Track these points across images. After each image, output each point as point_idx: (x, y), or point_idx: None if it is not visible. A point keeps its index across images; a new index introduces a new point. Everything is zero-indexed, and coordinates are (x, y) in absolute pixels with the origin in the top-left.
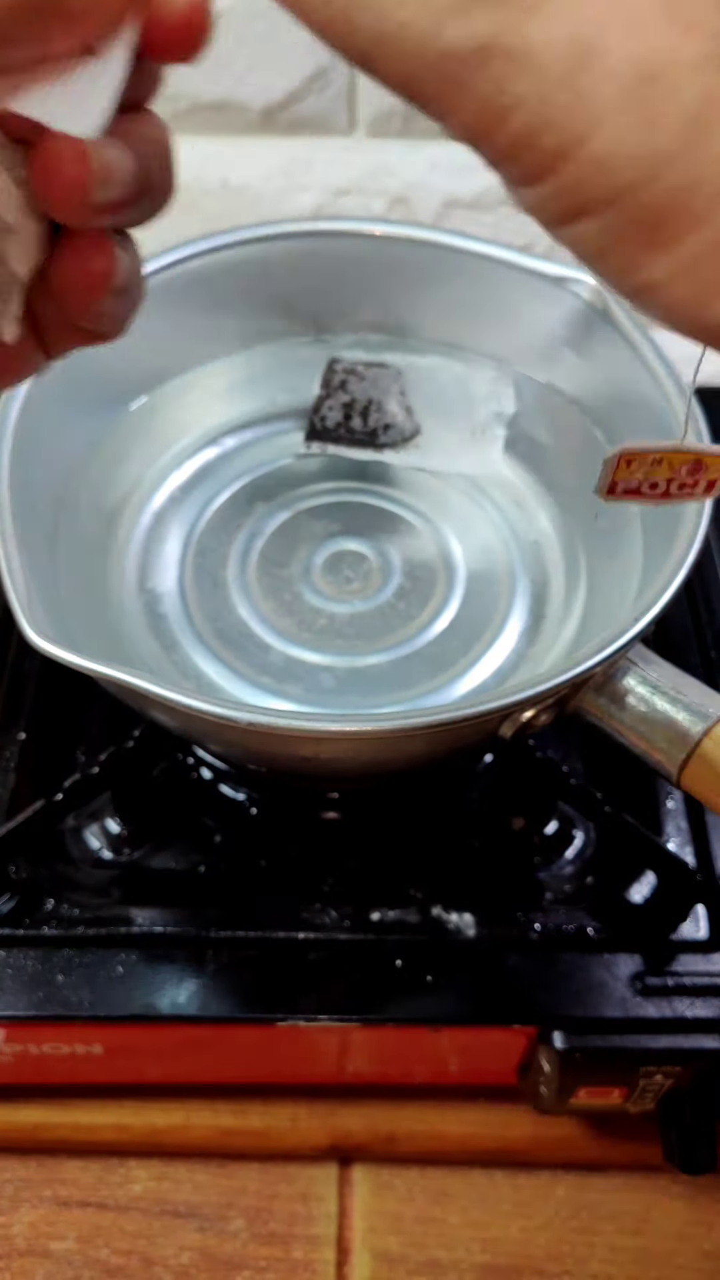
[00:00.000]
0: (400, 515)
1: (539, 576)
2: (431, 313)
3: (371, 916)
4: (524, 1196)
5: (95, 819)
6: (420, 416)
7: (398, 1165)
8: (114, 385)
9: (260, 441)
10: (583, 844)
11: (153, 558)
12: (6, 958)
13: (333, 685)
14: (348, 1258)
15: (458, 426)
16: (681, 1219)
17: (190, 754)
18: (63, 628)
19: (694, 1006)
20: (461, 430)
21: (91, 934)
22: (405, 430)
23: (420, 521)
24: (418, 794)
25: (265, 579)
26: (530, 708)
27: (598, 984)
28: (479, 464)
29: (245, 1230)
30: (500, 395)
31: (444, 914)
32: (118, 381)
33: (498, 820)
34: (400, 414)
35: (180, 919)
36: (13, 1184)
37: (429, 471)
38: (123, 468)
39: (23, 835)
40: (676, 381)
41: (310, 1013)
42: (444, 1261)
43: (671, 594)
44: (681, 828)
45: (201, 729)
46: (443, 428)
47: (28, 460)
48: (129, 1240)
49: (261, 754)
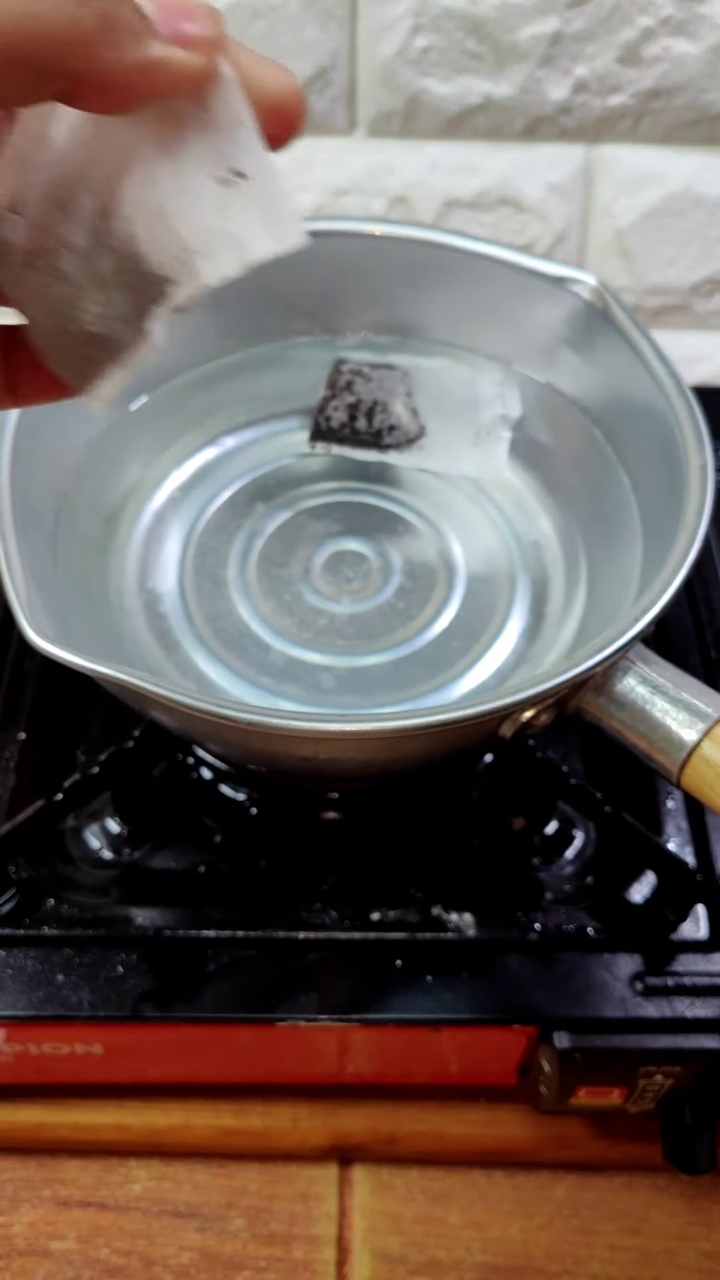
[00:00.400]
0: (401, 515)
1: (539, 576)
2: (431, 313)
3: (372, 916)
4: (524, 1196)
5: (95, 819)
6: (425, 418)
7: (398, 1165)
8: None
9: (260, 441)
10: (583, 844)
11: (153, 557)
12: (6, 957)
13: (333, 685)
14: (348, 1258)
15: (463, 428)
16: (681, 1219)
17: (190, 754)
18: (63, 628)
19: (694, 1006)
20: (466, 432)
21: (91, 934)
22: (410, 431)
23: (420, 522)
24: (418, 794)
25: (265, 579)
26: (530, 708)
27: (598, 984)
28: (483, 466)
29: (245, 1230)
30: (506, 398)
31: (444, 914)
32: None
33: (498, 820)
34: (405, 415)
35: (180, 919)
36: (13, 1184)
37: (432, 473)
38: (123, 468)
39: (23, 835)
40: (677, 381)
41: (310, 1013)
42: (444, 1261)
43: (671, 594)
44: (681, 828)
45: (201, 729)
46: (448, 429)
47: (28, 460)
48: (129, 1240)
49: (261, 754)
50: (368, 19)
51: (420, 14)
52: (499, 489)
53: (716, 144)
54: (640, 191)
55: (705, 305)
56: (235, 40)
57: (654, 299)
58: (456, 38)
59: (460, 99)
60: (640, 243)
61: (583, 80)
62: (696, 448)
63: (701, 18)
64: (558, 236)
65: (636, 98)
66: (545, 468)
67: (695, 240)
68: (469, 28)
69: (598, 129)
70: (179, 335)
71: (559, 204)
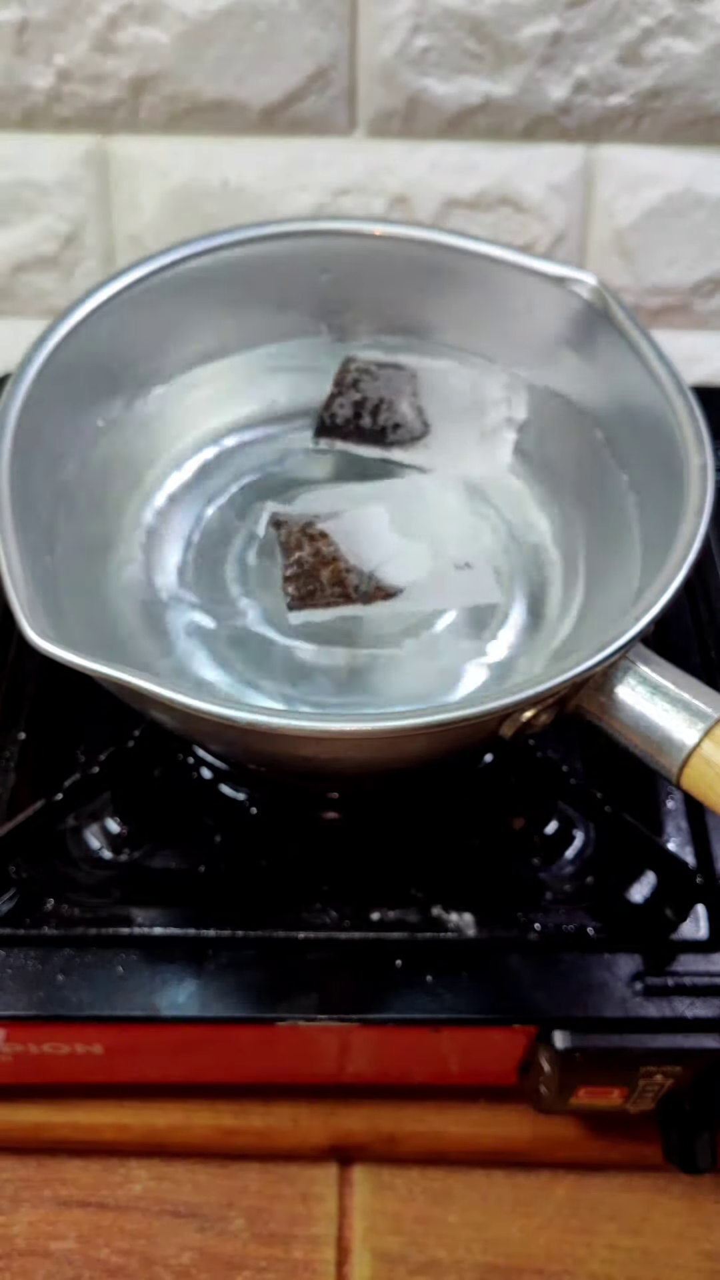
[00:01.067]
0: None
1: (538, 576)
2: (431, 312)
3: (371, 916)
4: (524, 1196)
5: (95, 819)
6: (431, 417)
7: (398, 1165)
8: (114, 384)
9: (261, 441)
10: (583, 844)
11: (154, 557)
12: (6, 957)
13: (332, 685)
14: (348, 1257)
15: (468, 429)
16: (681, 1219)
17: (190, 754)
18: (62, 627)
19: (694, 1006)
20: (471, 432)
21: (92, 934)
22: (414, 430)
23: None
24: (418, 794)
25: (266, 578)
26: (530, 708)
27: (598, 984)
28: (486, 466)
29: (245, 1230)
30: (513, 401)
31: (444, 914)
32: (118, 381)
33: (498, 820)
34: (410, 414)
35: (180, 919)
36: (13, 1184)
37: (434, 471)
38: (123, 467)
39: (23, 835)
40: (677, 381)
41: (310, 1012)
42: (444, 1261)
43: (671, 594)
44: (682, 828)
45: (201, 728)
46: (452, 429)
47: (28, 460)
48: (129, 1240)
49: (261, 754)
50: (368, 19)
51: (420, 14)
52: (498, 489)
53: (716, 144)
54: (640, 191)
55: (705, 305)
56: None
57: (654, 299)
58: (456, 38)
59: (460, 99)
60: (640, 243)
61: (583, 80)
62: (696, 448)
63: (701, 18)
64: (558, 236)
65: (636, 98)
66: (545, 467)
67: (695, 240)
68: (469, 28)
69: (598, 129)
70: (179, 335)
71: (559, 204)
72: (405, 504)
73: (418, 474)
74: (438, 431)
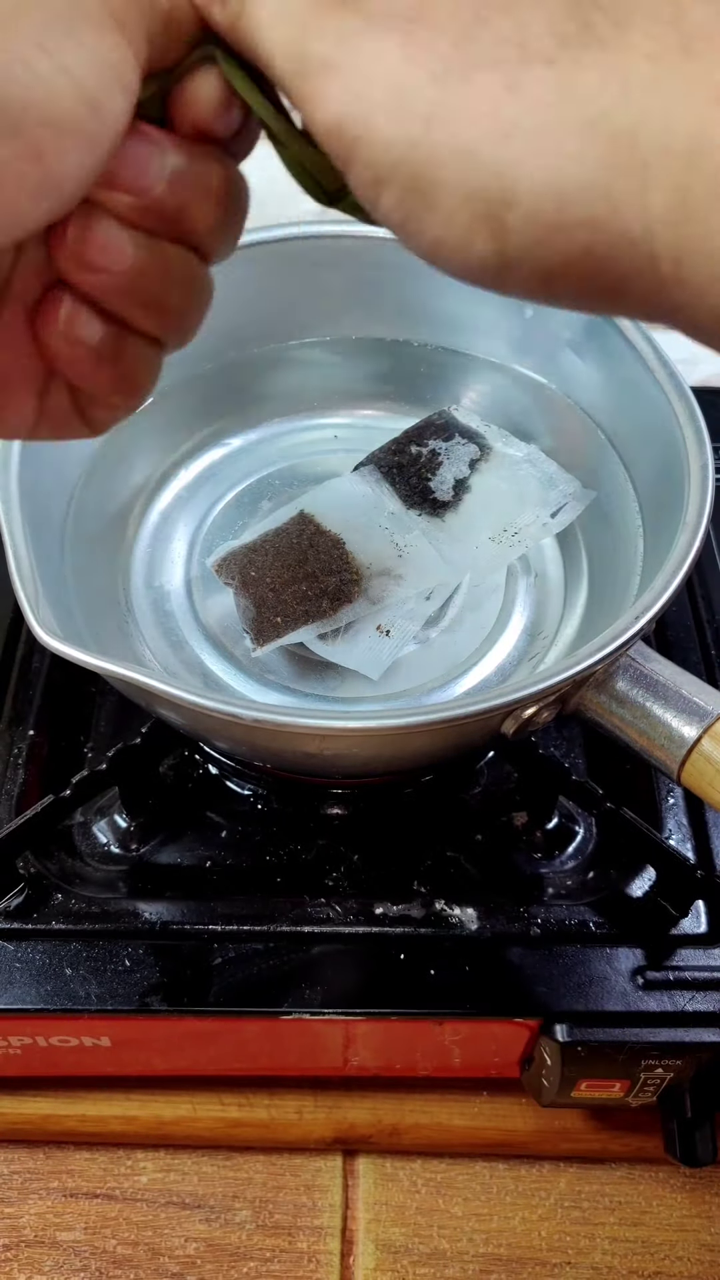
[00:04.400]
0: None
1: (540, 575)
2: (432, 313)
3: (375, 911)
4: (526, 1188)
5: (103, 814)
6: (466, 496)
7: (401, 1157)
8: None
9: (265, 442)
10: (584, 839)
11: (160, 556)
12: (15, 951)
13: (338, 683)
14: (352, 1248)
15: (489, 525)
16: (682, 1211)
17: (197, 751)
18: (71, 626)
19: (694, 1000)
20: (488, 530)
21: (99, 928)
22: (440, 500)
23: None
24: (421, 790)
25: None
26: (532, 705)
27: (599, 978)
28: (476, 568)
29: (251, 1221)
30: (562, 514)
31: (447, 908)
32: None
33: (500, 816)
34: (446, 486)
35: (187, 913)
36: (21, 1175)
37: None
38: (131, 468)
39: (32, 830)
40: (677, 381)
41: (315, 1006)
42: (447, 1252)
43: (672, 592)
44: (682, 823)
45: (208, 726)
46: (474, 519)
47: (37, 461)
48: (136, 1230)
49: (267, 751)
50: None
51: None
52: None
53: None
54: None
55: None
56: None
57: None
58: None
59: None
60: None
61: None
62: (696, 448)
63: None
64: None
65: None
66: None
67: None
68: None
69: None
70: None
71: None
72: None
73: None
74: (461, 513)
